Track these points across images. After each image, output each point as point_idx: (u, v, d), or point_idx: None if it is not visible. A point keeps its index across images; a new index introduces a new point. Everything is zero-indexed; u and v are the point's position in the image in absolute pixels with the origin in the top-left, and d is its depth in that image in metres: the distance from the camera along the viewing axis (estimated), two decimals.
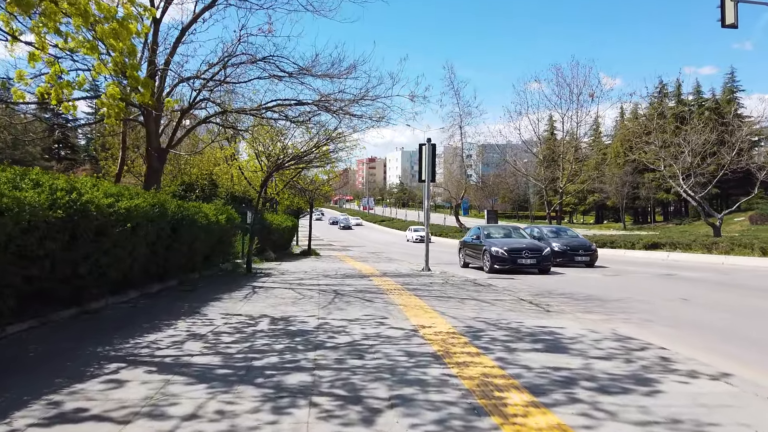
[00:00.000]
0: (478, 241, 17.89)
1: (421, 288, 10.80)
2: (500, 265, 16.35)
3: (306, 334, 6.05)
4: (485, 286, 11.28)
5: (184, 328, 6.32)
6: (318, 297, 9.22)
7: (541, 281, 14.15)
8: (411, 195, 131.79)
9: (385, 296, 9.43)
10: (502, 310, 7.97)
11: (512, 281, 13.91)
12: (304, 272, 14.72)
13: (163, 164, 12.41)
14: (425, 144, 15.52)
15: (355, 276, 13.61)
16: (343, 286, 11.13)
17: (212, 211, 11.99)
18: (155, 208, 8.44)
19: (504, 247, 16.53)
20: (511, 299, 9.25)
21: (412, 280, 12.42)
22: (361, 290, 10.30)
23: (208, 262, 12.56)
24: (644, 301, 10.21)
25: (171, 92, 12.17)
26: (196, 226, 10.37)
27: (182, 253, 10.16)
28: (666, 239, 26.54)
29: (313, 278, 12.97)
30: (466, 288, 10.93)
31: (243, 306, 8.13)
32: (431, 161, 15.42)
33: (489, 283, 12.36)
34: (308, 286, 10.96)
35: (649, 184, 64.85)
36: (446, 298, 9.22)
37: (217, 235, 12.06)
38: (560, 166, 40.86)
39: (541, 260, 16.38)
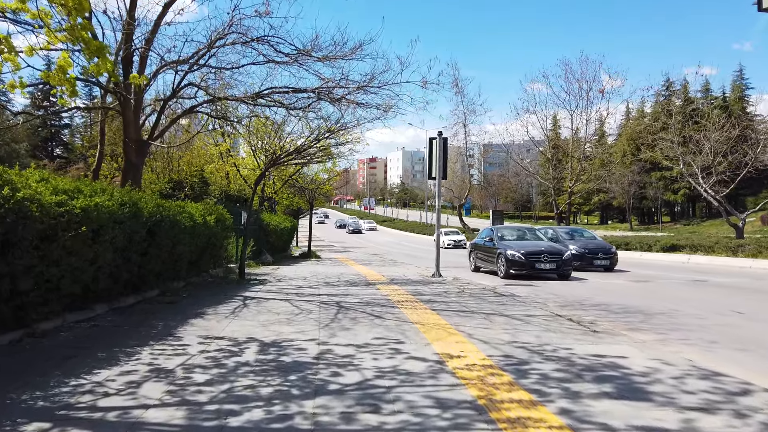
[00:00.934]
0: (491, 244, 16.55)
1: (436, 299, 9.45)
2: (517, 270, 15.00)
3: (303, 369, 4.71)
4: (508, 297, 9.94)
5: (149, 360, 4.98)
6: (318, 312, 7.87)
7: (566, 289, 12.82)
8: (412, 195, 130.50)
9: (397, 310, 8.09)
10: (539, 330, 6.62)
11: (533, 289, 12.58)
12: (303, 278, 13.38)
13: (143, 159, 11.08)
14: (436, 137, 14.18)
15: (359, 283, 12.28)
16: (347, 296, 9.79)
17: (199, 211, 10.66)
18: (125, 208, 7.11)
19: (521, 250, 15.19)
20: (545, 314, 7.90)
21: (423, 289, 11.08)
22: (368, 302, 8.96)
23: (196, 269, 11.23)
24: (693, 315, 8.89)
25: (154, 77, 10.86)
26: (178, 228, 9.04)
27: (162, 260, 8.83)
28: (685, 241, 25.20)
29: (313, 286, 11.64)
30: (487, 299, 9.58)
31: (229, 325, 6.79)
32: (443, 156, 14.08)
33: (510, 292, 11.02)
34: (307, 297, 9.62)
35: (656, 183, 63.56)
36: (468, 313, 7.87)
37: (204, 238, 10.73)
38: (569, 165, 39.49)
39: (562, 265, 15.04)
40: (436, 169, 14.14)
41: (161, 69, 10.67)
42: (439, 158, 14.03)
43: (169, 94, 10.96)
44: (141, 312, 7.71)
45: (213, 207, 11.74)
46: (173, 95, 11.01)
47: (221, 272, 13.41)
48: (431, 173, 14.44)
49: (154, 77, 10.68)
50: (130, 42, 9.55)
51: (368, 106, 11.65)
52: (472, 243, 18.69)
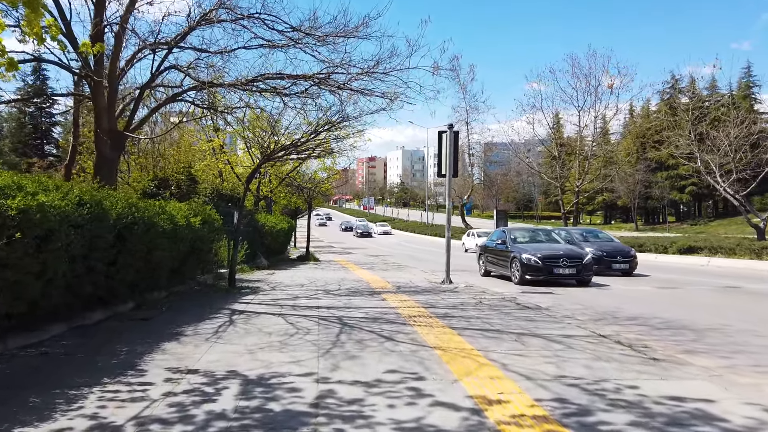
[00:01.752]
0: (504, 246, 15.34)
1: (453, 313, 8.24)
2: (533, 275, 13.80)
3: (297, 425, 3.51)
4: (534, 310, 8.73)
5: (93, 410, 3.78)
6: (317, 331, 6.66)
7: (589, 297, 11.64)
8: (412, 195, 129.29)
9: (409, 328, 6.88)
10: (587, 358, 5.42)
11: (555, 298, 11.39)
12: (301, 286, 12.16)
13: (118, 152, 9.85)
14: (446, 131, 12.97)
15: (363, 292, 11.06)
16: (349, 309, 8.57)
17: (182, 211, 9.45)
18: (83, 209, 5.89)
19: (537, 253, 13.98)
20: (585, 334, 6.70)
21: (436, 300, 9.86)
22: (374, 317, 7.75)
23: (180, 276, 10.02)
24: (747, 331, 7.74)
25: (131, 64, 9.66)
26: (155, 231, 7.82)
27: (136, 268, 7.61)
28: (702, 242, 24.01)
29: (312, 295, 10.43)
30: (510, 312, 8.37)
31: (208, 351, 5.58)
32: (453, 152, 12.87)
33: (533, 303, 9.81)
34: (304, 310, 8.41)
35: (662, 182, 62.39)
36: (494, 333, 6.66)
37: (188, 242, 9.52)
38: (576, 163, 38.29)
39: (582, 270, 13.84)
40: (446, 165, 12.93)
41: (140, 51, 9.46)
42: (449, 154, 12.82)
43: (149, 79, 9.72)
44: (106, 332, 6.50)
45: (199, 207, 10.54)
46: (152, 80, 9.75)
47: (210, 279, 12.20)
48: (440, 170, 13.23)
49: (131, 63, 9.47)
50: (101, 16, 8.33)
51: (372, 94, 10.45)
52: (481, 245, 17.49)
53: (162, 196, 12.73)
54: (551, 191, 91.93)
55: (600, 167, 39.19)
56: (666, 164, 63.21)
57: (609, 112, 37.62)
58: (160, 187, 13.17)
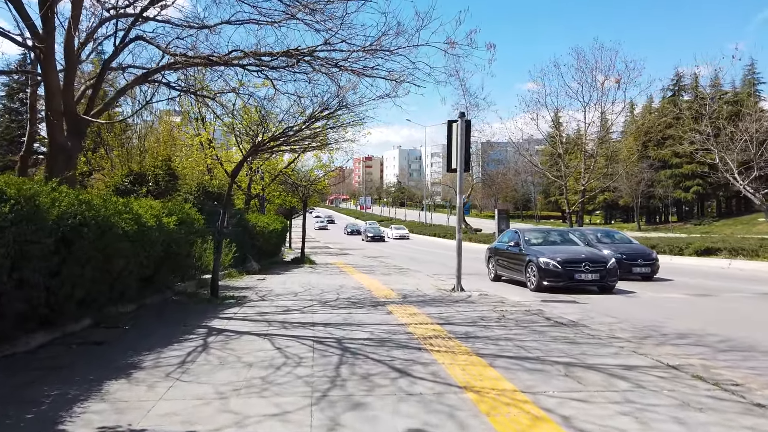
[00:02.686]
0: (517, 249, 13.97)
1: (475, 332, 6.85)
2: (552, 281, 12.43)
3: None
4: (570, 326, 7.34)
5: None
6: (311, 361, 5.27)
7: (620, 307, 10.30)
8: (409, 194, 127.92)
9: (427, 356, 5.49)
10: (672, 405, 4.04)
11: (581, 308, 10.04)
12: (294, 295, 10.76)
13: (78, 141, 8.37)
14: (457, 120, 11.58)
15: (365, 302, 9.66)
16: (351, 327, 7.17)
17: (154, 210, 8.04)
18: (4, 206, 4.49)
19: (556, 257, 12.61)
20: (650, 364, 5.31)
21: (450, 313, 8.47)
22: (381, 339, 6.35)
23: (153, 285, 8.61)
24: None
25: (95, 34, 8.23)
26: (113, 234, 6.41)
27: (90, 278, 6.20)
28: (721, 243, 22.69)
29: (306, 308, 9.02)
30: (543, 330, 6.99)
31: (163, 397, 4.17)
32: (464, 143, 11.49)
33: (563, 316, 8.43)
34: (296, 329, 7.01)
35: (665, 182, 61.23)
36: (535, 363, 5.28)
37: (161, 246, 8.10)
38: (582, 160, 36.93)
39: (606, 275, 12.48)
40: (457, 158, 11.54)
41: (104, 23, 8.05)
42: (460, 145, 11.43)
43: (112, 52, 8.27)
44: (41, 363, 5.09)
45: (176, 205, 9.13)
46: (116, 53, 8.29)
47: (192, 287, 10.79)
48: (450, 164, 11.84)
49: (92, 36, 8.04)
50: None
51: (375, 75, 9.05)
52: (491, 247, 16.10)
53: (137, 193, 11.33)
54: (551, 191, 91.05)
55: (606, 165, 37.84)
56: (669, 163, 62.15)
57: (616, 108, 36.24)
58: (136, 183, 11.77)
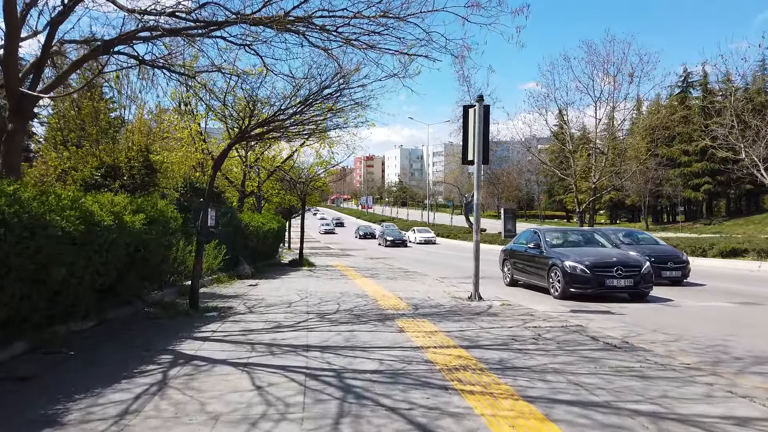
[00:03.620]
0: (537, 251, 12.53)
1: (512, 359, 5.42)
2: (580, 287, 11.00)
3: None
4: (626, 350, 5.89)
5: None
6: (301, 411, 3.84)
7: (663, 319, 8.89)
8: (411, 194, 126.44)
9: (458, 400, 4.06)
10: None
11: (621, 320, 8.62)
12: (288, 306, 9.32)
13: (21, 123, 6.96)
14: (475, 106, 10.13)
15: (370, 316, 8.23)
16: (354, 352, 5.74)
17: (117, 206, 6.63)
18: None
19: (584, 261, 11.17)
20: (763, 415, 3.88)
21: (474, 330, 7.04)
22: (394, 372, 4.92)
23: (116, 296, 7.19)
24: None
25: None
26: (49, 235, 4.99)
27: (11, 293, 4.77)
28: (747, 244, 21.25)
29: (300, 324, 7.60)
30: (595, 357, 5.56)
31: None
32: (483, 132, 10.05)
33: (622, 340, 6.99)
34: (285, 358, 5.58)
35: (674, 180, 59.69)
36: (606, 412, 3.84)
37: (124, 249, 6.68)
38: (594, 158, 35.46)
39: (641, 281, 11.04)
40: (474, 148, 10.10)
41: None
42: (478, 134, 9.99)
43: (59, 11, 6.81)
44: None
45: (147, 202, 7.71)
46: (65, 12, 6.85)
47: (171, 296, 9.37)
48: (466, 155, 10.40)
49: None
50: None
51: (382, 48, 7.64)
52: (506, 249, 14.65)
53: (109, 187, 9.93)
54: (556, 190, 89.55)
55: (620, 162, 36.34)
56: (678, 161, 60.61)
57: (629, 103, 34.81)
58: (108, 177, 10.37)
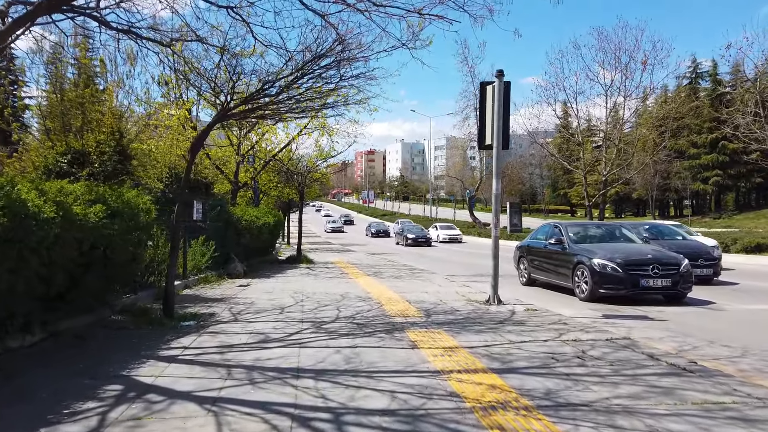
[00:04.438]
0: (560, 248, 11.32)
1: (563, 393, 4.18)
2: (611, 288, 9.77)
3: None
4: (704, 375, 4.66)
5: None
6: None
7: (713, 326, 7.70)
8: (412, 188, 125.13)
9: None
10: None
11: (665, 327, 7.40)
12: (280, 311, 8.09)
13: None
14: (493, 82, 8.86)
15: (376, 326, 7.00)
16: (357, 380, 4.51)
17: (59, 194, 5.40)
18: None
19: (615, 258, 9.94)
20: None
21: (502, 345, 5.81)
22: (412, 412, 3.69)
23: (73, 304, 5.97)
24: None
25: None
26: None
27: None
28: None
29: (292, 338, 6.38)
30: (668, 386, 4.33)
31: None
32: (503, 112, 8.79)
33: (689, 359, 5.75)
34: (268, 390, 4.36)
35: (683, 173, 58.32)
36: None
37: (74, 247, 5.45)
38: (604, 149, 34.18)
39: (680, 281, 9.82)
40: (493, 131, 8.85)
41: None
42: (497, 115, 8.73)
43: None
44: None
45: (109, 191, 6.47)
46: None
47: (148, 300, 8.14)
48: (483, 139, 9.15)
49: None
50: None
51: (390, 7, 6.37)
52: (522, 246, 13.41)
53: (76, 176, 8.70)
54: (560, 184, 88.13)
55: (631, 153, 35.03)
56: (687, 153, 59.26)
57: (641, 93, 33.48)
58: (75, 164, 9.15)
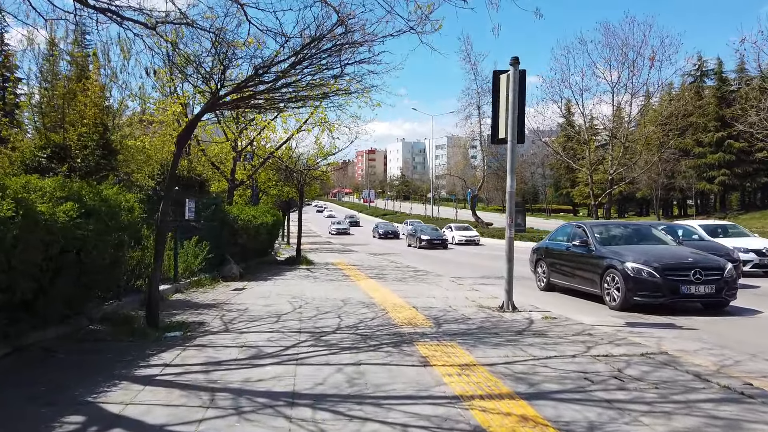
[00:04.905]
0: (584, 250, 10.33)
1: (609, 428, 3.51)
2: (647, 296, 8.77)
3: None
4: (766, 403, 4.01)
5: None
6: None
7: (753, 339, 7.00)
8: (413, 187, 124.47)
9: None
10: None
11: (696, 338, 6.75)
12: (275, 320, 7.43)
13: None
14: (508, 71, 8.18)
15: (382, 337, 6.33)
16: (363, 409, 3.83)
17: (21, 190, 4.74)
18: None
19: (651, 262, 8.93)
20: None
21: (525, 361, 5.14)
22: None
23: (41, 313, 5.30)
24: None
25: None
26: None
27: None
28: None
29: (288, 351, 5.71)
30: (732, 419, 3.66)
31: None
32: (519, 102, 8.12)
33: (746, 382, 5.07)
34: (257, 421, 3.69)
35: (687, 172, 57.62)
36: None
37: (40, 249, 4.80)
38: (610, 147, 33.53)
39: (724, 287, 8.88)
40: (507, 124, 8.17)
41: None
42: (512, 105, 8.06)
43: None
44: None
45: (86, 187, 5.80)
46: None
47: (130, 306, 7.48)
48: (497, 133, 8.47)
49: None
50: None
51: None
52: (538, 247, 12.51)
53: (56, 171, 8.05)
54: (562, 183, 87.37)
55: (639, 152, 34.37)
56: (692, 152, 58.54)
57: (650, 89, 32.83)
58: (55, 159, 8.49)
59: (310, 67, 6.90)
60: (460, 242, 36.54)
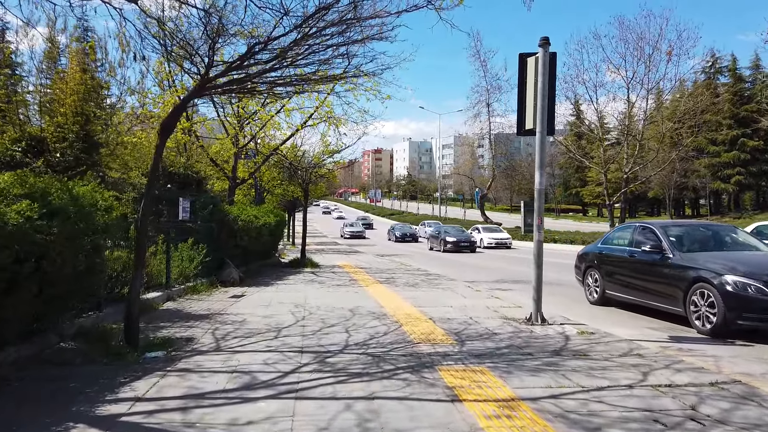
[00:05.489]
0: (657, 257, 8.40)
1: None
2: (755, 318, 6.77)
3: None
4: None
5: None
6: None
7: None
8: (420, 187, 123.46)
9: None
10: None
11: (750, 356, 5.79)
12: (275, 335, 6.55)
13: None
14: (536, 53, 7.27)
15: (397, 359, 5.45)
16: None
17: None
18: None
19: (761, 274, 6.91)
20: None
21: (573, 392, 4.23)
22: None
23: None
24: None
25: None
26: None
27: None
28: None
29: (286, 378, 4.85)
30: None
31: None
32: (548, 89, 7.21)
33: None
34: None
35: (701, 171, 56.34)
36: None
37: None
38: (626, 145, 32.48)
39: None
40: (535, 113, 7.26)
41: None
42: (541, 92, 7.14)
43: None
44: None
45: (56, 184, 4.95)
46: None
47: (112, 318, 6.63)
48: (523, 123, 7.56)
49: None
50: None
51: None
52: (586, 253, 10.66)
53: (31, 166, 7.23)
54: (572, 183, 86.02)
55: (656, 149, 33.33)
56: (706, 151, 57.23)
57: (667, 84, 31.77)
58: (30, 153, 7.66)
59: (315, 45, 6.04)
60: (489, 245, 33.11)
